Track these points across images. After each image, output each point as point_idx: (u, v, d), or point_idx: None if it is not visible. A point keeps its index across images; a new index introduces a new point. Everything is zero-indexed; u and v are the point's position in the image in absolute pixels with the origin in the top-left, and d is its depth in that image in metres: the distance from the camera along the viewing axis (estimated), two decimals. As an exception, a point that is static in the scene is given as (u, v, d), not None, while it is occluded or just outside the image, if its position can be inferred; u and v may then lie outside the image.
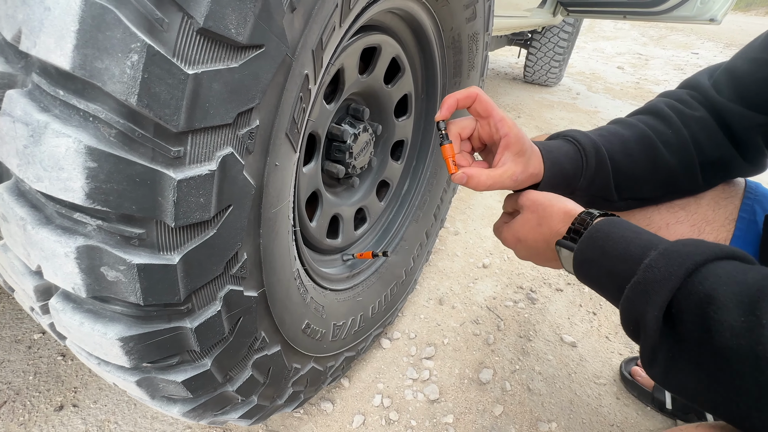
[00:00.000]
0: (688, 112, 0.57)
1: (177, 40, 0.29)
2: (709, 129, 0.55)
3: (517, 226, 0.52)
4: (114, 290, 0.33)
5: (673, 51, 6.39)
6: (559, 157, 0.55)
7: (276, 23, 0.34)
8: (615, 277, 0.40)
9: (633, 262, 0.38)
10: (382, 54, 0.69)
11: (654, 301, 0.35)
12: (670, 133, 0.56)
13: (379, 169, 0.86)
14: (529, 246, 0.52)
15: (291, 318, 0.57)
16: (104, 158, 0.28)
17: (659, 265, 0.36)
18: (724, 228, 0.58)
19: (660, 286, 0.35)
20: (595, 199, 0.58)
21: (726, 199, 0.60)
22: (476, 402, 0.92)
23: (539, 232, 0.49)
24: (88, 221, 0.31)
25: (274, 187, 0.44)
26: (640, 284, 0.36)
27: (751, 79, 0.52)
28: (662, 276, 0.35)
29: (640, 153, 0.56)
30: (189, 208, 0.33)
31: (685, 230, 0.59)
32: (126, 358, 0.37)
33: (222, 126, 0.34)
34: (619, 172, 0.57)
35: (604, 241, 0.42)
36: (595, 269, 0.42)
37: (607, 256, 0.41)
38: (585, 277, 0.44)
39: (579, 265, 0.44)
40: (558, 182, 0.55)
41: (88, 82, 0.27)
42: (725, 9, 1.95)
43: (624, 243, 0.40)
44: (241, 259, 0.42)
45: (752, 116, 0.51)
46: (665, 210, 0.61)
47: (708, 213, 0.60)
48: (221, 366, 0.46)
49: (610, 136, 0.58)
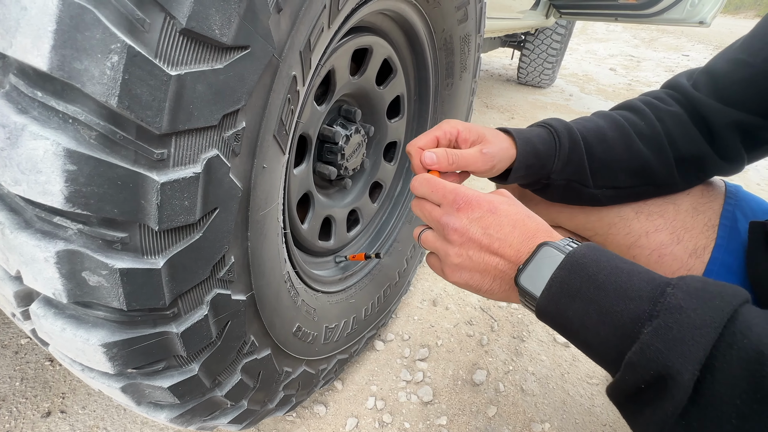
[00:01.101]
0: (663, 106, 0.57)
1: (159, 41, 0.28)
2: (684, 124, 0.55)
3: (502, 199, 0.43)
4: (96, 295, 0.33)
5: (664, 53, 6.47)
6: (531, 138, 0.55)
7: (261, 24, 0.34)
8: (613, 315, 0.32)
9: (642, 299, 0.31)
10: (374, 55, 0.69)
11: (692, 353, 0.28)
12: (643, 125, 0.56)
13: (371, 170, 0.86)
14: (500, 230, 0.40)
15: (281, 321, 0.57)
16: (84, 161, 0.28)
17: (691, 306, 0.29)
18: (704, 235, 0.57)
19: (699, 335, 0.28)
20: (572, 184, 0.58)
21: (705, 204, 0.59)
22: (470, 403, 0.92)
23: (525, 223, 0.40)
24: (68, 225, 0.30)
25: (262, 190, 0.43)
26: (669, 330, 0.29)
27: (729, 79, 0.52)
28: (699, 321, 0.29)
29: (615, 140, 0.56)
30: (173, 211, 0.33)
31: (664, 238, 0.59)
32: (110, 364, 0.36)
33: (207, 128, 0.33)
34: (594, 157, 0.56)
35: (596, 270, 0.34)
36: (579, 303, 0.34)
37: (601, 288, 0.33)
38: (558, 313, 0.35)
39: (554, 297, 0.35)
40: (532, 162, 0.54)
41: (66, 83, 0.26)
42: (714, 12, 1.97)
43: (623, 274, 0.33)
44: (229, 262, 0.41)
45: (729, 112, 0.51)
46: (644, 218, 0.61)
47: (687, 219, 0.59)
48: (209, 371, 0.45)
49: (583, 122, 0.59)
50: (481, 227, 0.41)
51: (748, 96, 0.50)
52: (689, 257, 0.57)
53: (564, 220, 0.68)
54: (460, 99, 0.95)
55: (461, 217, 0.41)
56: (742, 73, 0.51)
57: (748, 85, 0.50)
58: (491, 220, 0.40)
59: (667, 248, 0.58)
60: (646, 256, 0.60)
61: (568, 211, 0.67)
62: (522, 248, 0.39)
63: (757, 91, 0.49)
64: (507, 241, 0.39)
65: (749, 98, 0.50)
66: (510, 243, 0.39)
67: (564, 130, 0.56)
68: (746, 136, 0.52)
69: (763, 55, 0.49)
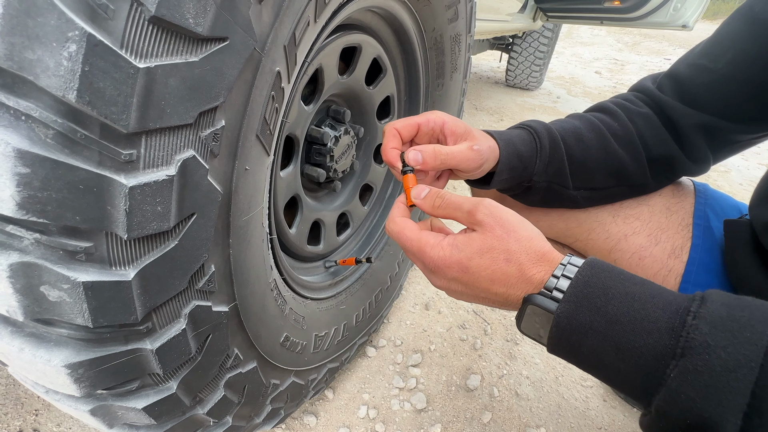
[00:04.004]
0: (633, 108, 0.58)
1: (125, 30, 0.25)
2: (654, 126, 0.56)
3: (470, 250, 0.37)
4: (58, 311, 0.30)
5: (647, 57, 6.62)
6: (513, 138, 0.53)
7: (241, 14, 0.31)
8: (632, 352, 0.29)
9: (661, 331, 0.28)
10: (363, 54, 0.67)
11: (730, 401, 0.25)
12: (617, 126, 0.57)
13: (361, 172, 0.84)
14: (478, 285, 0.37)
15: (267, 332, 0.54)
16: (39, 163, 0.25)
17: (720, 344, 0.26)
18: (680, 235, 0.58)
19: (735, 379, 0.26)
20: (552, 186, 0.57)
21: (677, 204, 0.60)
22: (464, 410, 0.90)
23: (504, 271, 0.36)
24: (23, 235, 0.27)
25: (244, 193, 0.41)
26: (699, 374, 0.26)
27: (692, 83, 0.54)
28: (733, 363, 0.26)
29: (591, 140, 0.56)
30: (144, 217, 0.30)
31: (642, 240, 0.59)
32: (75, 386, 0.33)
33: (181, 126, 0.30)
34: (572, 158, 0.56)
35: (605, 300, 0.31)
36: (593, 339, 0.31)
37: (614, 322, 0.30)
38: (571, 350, 0.33)
39: (564, 333, 0.32)
40: (515, 164, 0.53)
41: (17, 75, 0.24)
42: (697, 15, 2.02)
43: (636, 302, 0.30)
44: (209, 271, 0.39)
45: (693, 114, 0.53)
46: (621, 221, 0.61)
47: (662, 220, 0.60)
48: (189, 388, 0.42)
49: (562, 123, 0.58)
50: (461, 284, 0.38)
51: (711, 100, 0.52)
52: (668, 258, 0.58)
53: (544, 228, 0.68)
54: (451, 99, 0.94)
55: (438, 277, 0.39)
56: (703, 78, 0.52)
57: (710, 89, 0.52)
58: (467, 278, 0.37)
59: (646, 250, 0.59)
60: (626, 260, 0.60)
61: (548, 219, 0.66)
62: (510, 295, 0.36)
63: (720, 95, 0.51)
64: (491, 291, 0.37)
65: (712, 102, 0.51)
66: (495, 293, 0.37)
67: (544, 131, 0.55)
68: (711, 137, 0.54)
69: (724, 61, 0.50)
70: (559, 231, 0.66)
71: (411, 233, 0.40)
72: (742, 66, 0.49)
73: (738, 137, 0.54)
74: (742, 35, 0.49)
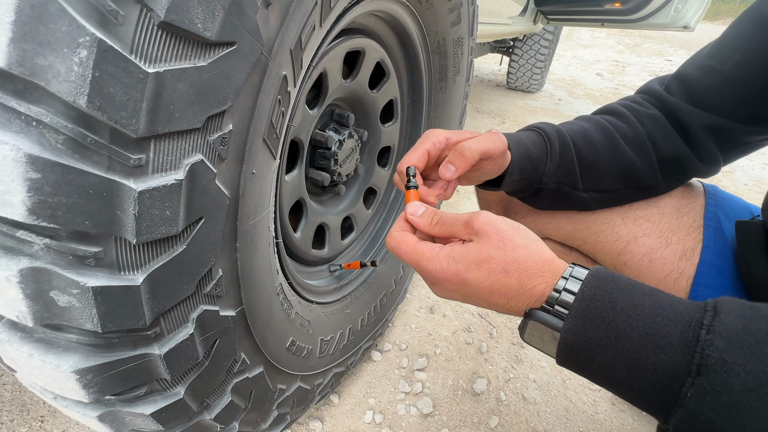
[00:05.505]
0: (642, 110, 0.57)
1: (135, 35, 0.26)
2: (663, 127, 0.55)
3: (468, 261, 0.36)
4: (67, 317, 0.30)
5: (648, 58, 6.63)
6: (523, 140, 0.53)
7: (249, 19, 0.32)
8: (644, 370, 0.28)
9: (674, 347, 0.27)
10: (366, 58, 0.67)
11: (755, 423, 0.25)
12: (626, 127, 0.57)
13: (365, 176, 0.84)
14: (478, 296, 0.36)
15: (274, 336, 0.54)
16: (49, 168, 0.25)
17: (738, 361, 0.25)
18: (691, 237, 0.57)
19: (756, 400, 0.25)
20: (562, 188, 0.57)
21: (688, 206, 0.60)
22: (471, 414, 0.89)
23: (503, 283, 0.34)
24: (33, 240, 0.27)
25: (251, 197, 0.41)
26: (718, 395, 0.25)
27: (700, 85, 0.53)
28: (753, 383, 0.25)
29: (600, 142, 0.56)
30: (153, 222, 0.30)
31: (653, 242, 0.58)
32: (84, 392, 0.33)
33: (190, 131, 0.30)
34: (582, 160, 0.56)
35: (613, 314, 0.30)
36: (603, 356, 0.30)
37: (624, 338, 0.29)
38: (581, 366, 0.32)
39: (572, 349, 0.31)
40: (525, 165, 0.53)
41: (29, 81, 0.24)
42: (698, 16, 2.02)
43: (645, 315, 0.29)
44: (216, 276, 0.38)
45: (702, 115, 0.52)
46: (630, 223, 0.60)
47: (672, 222, 0.59)
48: (196, 393, 0.42)
49: (571, 125, 0.58)
50: (461, 295, 0.38)
51: (720, 101, 0.51)
52: (679, 260, 0.57)
53: (551, 231, 0.67)
54: (454, 103, 0.94)
55: (439, 288, 0.39)
56: (711, 80, 0.52)
57: (718, 90, 0.51)
58: (466, 291, 0.37)
59: (656, 252, 0.58)
60: (636, 262, 0.59)
61: (555, 222, 0.66)
62: (511, 306, 0.36)
63: (728, 96, 0.51)
64: (492, 302, 0.36)
65: (721, 103, 0.51)
66: (496, 303, 0.36)
67: (554, 133, 0.55)
68: (720, 138, 0.53)
69: (731, 62, 0.50)
70: (567, 234, 0.66)
71: (407, 247, 0.39)
72: (749, 67, 0.48)
73: (747, 138, 0.54)
74: (749, 36, 0.49)
